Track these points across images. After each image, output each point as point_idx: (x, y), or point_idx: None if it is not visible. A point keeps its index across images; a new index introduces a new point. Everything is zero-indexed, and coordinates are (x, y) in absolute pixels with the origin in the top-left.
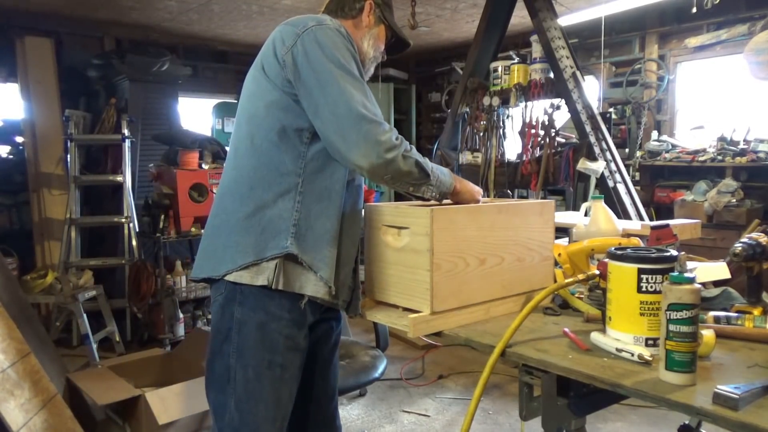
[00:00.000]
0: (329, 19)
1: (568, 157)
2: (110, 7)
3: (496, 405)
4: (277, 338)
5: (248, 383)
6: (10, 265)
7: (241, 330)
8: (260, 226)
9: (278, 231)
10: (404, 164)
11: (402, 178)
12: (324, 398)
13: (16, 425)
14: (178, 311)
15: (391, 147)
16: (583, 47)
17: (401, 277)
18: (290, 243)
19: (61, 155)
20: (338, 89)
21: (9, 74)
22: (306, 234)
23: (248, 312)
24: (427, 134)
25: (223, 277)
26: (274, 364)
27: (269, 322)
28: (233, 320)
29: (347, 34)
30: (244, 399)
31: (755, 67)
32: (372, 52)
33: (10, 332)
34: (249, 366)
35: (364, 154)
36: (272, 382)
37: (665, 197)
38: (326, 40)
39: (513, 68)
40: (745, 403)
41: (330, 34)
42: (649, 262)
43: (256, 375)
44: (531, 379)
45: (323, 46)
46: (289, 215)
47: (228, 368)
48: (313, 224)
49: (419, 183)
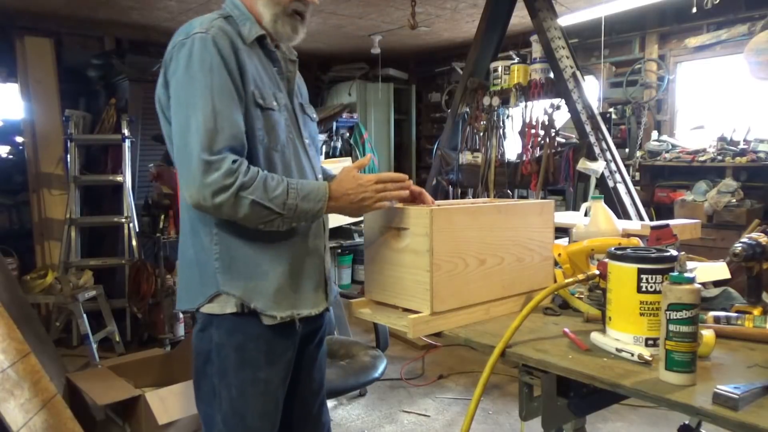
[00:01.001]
0: (206, 20)
1: (568, 157)
2: (110, 7)
3: (496, 405)
4: (257, 356)
5: (233, 401)
6: (10, 265)
7: (221, 352)
8: (206, 262)
9: (209, 268)
10: (237, 209)
11: (243, 219)
12: (309, 395)
13: (16, 425)
14: (178, 311)
15: (218, 190)
16: (583, 47)
17: (401, 278)
18: (221, 279)
19: (61, 155)
20: (182, 117)
21: (9, 74)
22: (234, 263)
23: (225, 336)
24: (427, 134)
25: (198, 309)
26: (257, 380)
27: (247, 342)
28: (212, 343)
29: (212, 38)
30: (230, 415)
31: (755, 67)
32: (271, 8)
33: (10, 332)
34: (232, 386)
35: (191, 194)
36: (257, 397)
37: (665, 197)
38: (180, 58)
39: (513, 68)
40: (745, 403)
41: (186, 50)
42: (649, 262)
43: (239, 393)
44: (531, 379)
45: (175, 69)
46: (209, 250)
47: (213, 387)
48: (235, 255)
49: (266, 220)
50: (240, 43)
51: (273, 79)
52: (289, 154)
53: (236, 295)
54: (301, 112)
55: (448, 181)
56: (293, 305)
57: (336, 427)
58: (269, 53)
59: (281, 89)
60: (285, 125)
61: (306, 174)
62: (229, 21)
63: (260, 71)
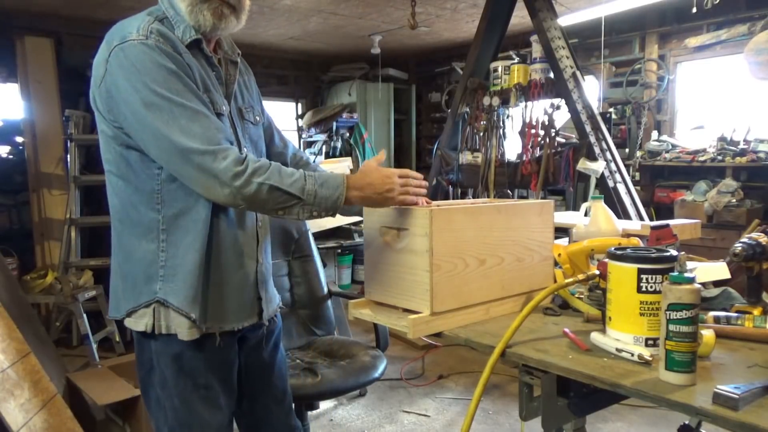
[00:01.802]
0: (141, 23)
1: (568, 157)
2: (110, 7)
3: (496, 405)
4: (196, 364)
5: (177, 412)
6: (10, 265)
7: (160, 361)
8: (132, 273)
9: (149, 276)
10: (257, 194)
11: (262, 205)
12: (272, 402)
13: (16, 425)
14: None
15: (233, 176)
16: (583, 47)
17: (401, 278)
18: (159, 288)
19: (61, 155)
20: (156, 124)
21: (9, 74)
22: (177, 273)
23: (161, 345)
24: (427, 134)
25: (122, 320)
26: (198, 386)
27: (184, 351)
28: (152, 352)
29: (155, 45)
30: (177, 426)
31: (755, 67)
32: (191, 5)
33: (10, 332)
34: (174, 396)
35: (205, 188)
36: (200, 403)
37: (665, 197)
38: (129, 64)
39: (513, 68)
40: (745, 403)
41: (132, 54)
42: (649, 262)
43: (182, 401)
44: (531, 379)
45: (129, 75)
46: (152, 253)
47: (158, 398)
48: (181, 262)
49: (286, 206)
50: (181, 46)
51: (213, 84)
52: None
53: (174, 304)
54: (239, 117)
55: (448, 181)
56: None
57: (336, 427)
58: (206, 57)
59: (221, 93)
60: (231, 132)
61: None
62: (164, 23)
63: (204, 75)
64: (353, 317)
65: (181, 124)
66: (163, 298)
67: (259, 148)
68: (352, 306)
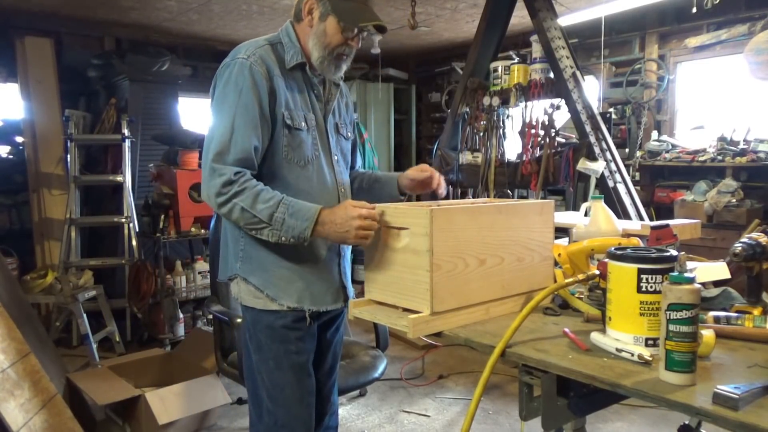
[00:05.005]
0: (252, 45)
1: (568, 157)
2: (110, 7)
3: (496, 405)
4: (286, 333)
5: (271, 373)
6: (10, 265)
7: (256, 328)
8: (231, 246)
9: (234, 253)
10: (232, 212)
11: (236, 222)
12: (323, 375)
13: (16, 425)
14: (178, 311)
15: (216, 194)
16: (583, 47)
17: (401, 278)
18: (239, 266)
19: (61, 155)
20: (211, 126)
21: (9, 74)
22: (252, 257)
23: (258, 314)
24: (427, 134)
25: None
26: (289, 351)
27: (276, 320)
28: (250, 320)
29: (250, 65)
30: (271, 387)
31: (755, 67)
32: (319, 50)
33: (10, 332)
34: (269, 359)
35: (204, 195)
36: (291, 367)
37: (665, 197)
38: (222, 78)
39: (513, 68)
40: (745, 403)
41: (228, 71)
42: (649, 262)
43: (276, 365)
44: (531, 379)
45: (216, 85)
46: (236, 239)
47: (255, 363)
48: (258, 246)
49: (257, 227)
50: (277, 69)
51: (307, 102)
52: (312, 169)
53: (253, 282)
54: (335, 132)
55: (448, 181)
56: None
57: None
58: (308, 78)
59: (315, 111)
60: (312, 143)
61: (327, 186)
62: (276, 48)
63: (294, 95)
64: (353, 317)
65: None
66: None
67: (347, 159)
68: (352, 305)
